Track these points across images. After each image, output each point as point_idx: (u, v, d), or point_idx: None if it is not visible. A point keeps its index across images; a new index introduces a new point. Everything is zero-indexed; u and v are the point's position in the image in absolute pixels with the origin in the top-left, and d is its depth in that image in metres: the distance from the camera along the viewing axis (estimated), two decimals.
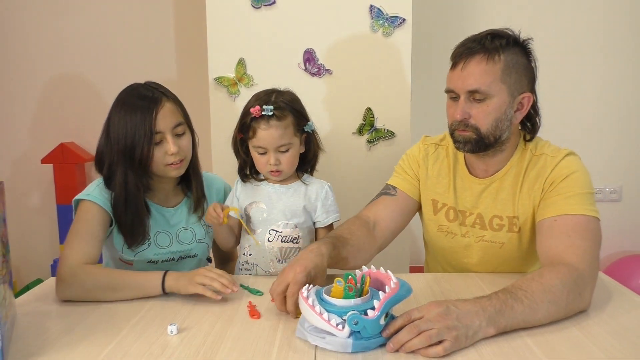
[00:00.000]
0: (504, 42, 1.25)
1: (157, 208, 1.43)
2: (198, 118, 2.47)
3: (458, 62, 1.27)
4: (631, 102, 2.70)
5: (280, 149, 1.38)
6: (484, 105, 1.25)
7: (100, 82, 2.69)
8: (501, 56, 1.24)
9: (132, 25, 2.66)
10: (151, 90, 1.36)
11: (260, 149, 1.38)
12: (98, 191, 1.35)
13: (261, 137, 1.36)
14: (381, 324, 0.96)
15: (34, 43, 2.69)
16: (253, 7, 2.06)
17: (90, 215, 1.32)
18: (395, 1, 2.04)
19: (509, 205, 1.34)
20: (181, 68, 2.68)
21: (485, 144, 1.29)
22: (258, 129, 1.35)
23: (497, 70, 1.23)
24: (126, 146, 1.31)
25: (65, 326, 1.08)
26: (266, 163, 1.39)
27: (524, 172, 1.33)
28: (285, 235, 1.43)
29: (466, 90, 1.25)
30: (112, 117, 1.35)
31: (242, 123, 1.40)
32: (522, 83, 1.28)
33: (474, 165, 1.40)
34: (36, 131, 2.76)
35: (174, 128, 1.35)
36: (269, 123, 1.35)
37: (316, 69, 2.10)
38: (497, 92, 1.24)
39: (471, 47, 1.26)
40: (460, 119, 1.27)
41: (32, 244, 2.74)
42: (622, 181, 2.77)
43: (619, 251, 2.80)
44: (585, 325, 1.05)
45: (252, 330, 1.05)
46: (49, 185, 2.74)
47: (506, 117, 1.27)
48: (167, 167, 1.35)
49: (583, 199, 1.22)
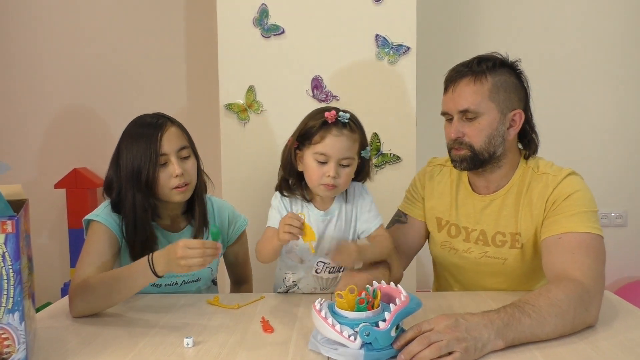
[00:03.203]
0: (491, 64, 1.34)
1: (163, 233, 1.46)
2: (209, 144, 2.53)
3: (449, 86, 1.38)
4: (636, 127, 2.73)
5: (343, 161, 1.31)
6: (475, 123, 1.33)
7: (112, 110, 2.76)
8: (488, 77, 1.33)
9: (144, 54, 2.75)
10: (156, 117, 1.42)
11: (323, 157, 1.30)
12: (106, 212, 1.39)
13: (330, 143, 1.29)
14: (392, 335, 0.98)
15: (49, 72, 2.78)
16: (263, 36, 2.14)
17: (97, 236, 1.36)
18: (400, 30, 2.12)
19: (511, 223, 1.37)
20: (192, 95, 2.76)
21: (480, 160, 1.35)
22: (329, 134, 1.29)
23: (485, 90, 1.32)
24: (133, 171, 1.36)
25: (83, 339, 1.11)
26: (323, 174, 1.31)
27: (525, 189, 1.37)
28: (333, 267, 1.42)
29: (458, 110, 1.34)
30: (120, 147, 1.40)
31: (307, 129, 1.32)
32: (512, 101, 1.35)
33: (475, 183, 1.45)
34: (49, 157, 2.82)
35: (179, 151, 1.39)
36: (341, 131, 1.30)
37: (324, 95, 2.16)
38: (487, 110, 1.32)
39: (460, 70, 1.36)
40: (455, 138, 1.35)
41: (44, 268, 2.77)
42: (627, 206, 2.78)
43: (625, 277, 2.80)
44: (593, 339, 1.07)
45: (266, 343, 1.08)
46: (62, 210, 2.78)
47: (498, 133, 1.34)
48: (172, 191, 1.39)
49: (586, 217, 1.26)
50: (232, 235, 1.60)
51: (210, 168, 1.54)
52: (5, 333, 0.92)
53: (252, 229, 1.82)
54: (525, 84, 1.40)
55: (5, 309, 0.91)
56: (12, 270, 0.91)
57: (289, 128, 2.16)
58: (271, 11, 2.12)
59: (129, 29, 2.74)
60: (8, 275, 0.91)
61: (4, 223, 0.90)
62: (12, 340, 0.92)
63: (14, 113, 2.81)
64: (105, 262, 1.34)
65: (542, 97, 2.74)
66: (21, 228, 0.94)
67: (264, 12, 2.12)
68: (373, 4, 2.11)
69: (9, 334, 0.92)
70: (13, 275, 0.91)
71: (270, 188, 2.18)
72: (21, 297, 0.92)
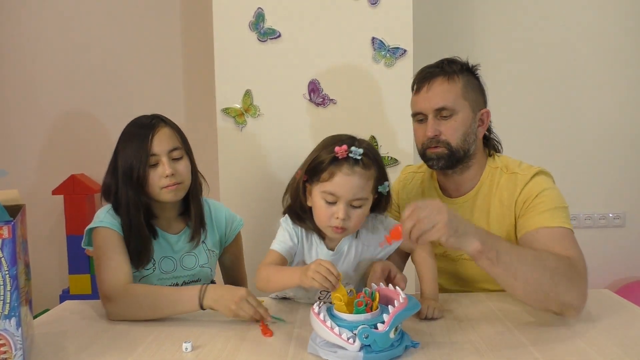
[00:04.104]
0: (459, 67, 1.39)
1: (162, 234, 1.47)
2: (206, 148, 2.53)
3: (422, 86, 1.39)
4: (635, 128, 2.73)
5: (354, 202, 1.17)
6: (451, 121, 1.35)
7: (110, 116, 2.75)
8: (460, 77, 1.37)
9: (142, 59, 2.74)
10: (149, 118, 1.43)
11: (331, 197, 1.17)
12: (109, 216, 1.40)
13: (339, 182, 1.15)
14: (391, 337, 0.98)
15: (47, 78, 2.77)
16: (259, 40, 2.14)
17: (110, 239, 1.37)
18: (397, 33, 2.12)
19: (483, 223, 1.40)
20: (189, 99, 2.76)
21: (456, 158, 1.37)
22: (338, 172, 1.15)
23: (458, 89, 1.36)
24: (126, 170, 1.38)
25: (81, 345, 1.11)
26: (331, 215, 1.18)
27: (495, 188, 1.39)
28: None
29: (433, 108, 1.36)
30: (118, 149, 1.43)
31: (316, 163, 1.19)
32: (479, 101, 1.40)
33: (445, 186, 1.47)
34: (47, 163, 2.81)
35: (170, 152, 1.40)
36: (353, 169, 1.15)
37: (321, 99, 2.16)
38: (462, 108, 1.35)
39: (431, 71, 1.39)
40: (432, 136, 1.36)
41: (41, 275, 2.75)
42: (625, 207, 2.78)
43: (623, 277, 2.80)
44: (592, 338, 1.07)
45: (265, 346, 1.08)
46: (59, 216, 2.77)
47: (472, 131, 1.38)
48: (162, 190, 1.39)
49: (557, 213, 1.28)
50: (229, 236, 1.60)
51: (207, 172, 1.53)
52: (2, 339, 0.92)
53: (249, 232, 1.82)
54: (483, 88, 1.45)
55: (1, 315, 0.91)
56: (9, 275, 0.91)
57: (286, 132, 2.20)
58: (267, 15, 2.13)
59: (126, 34, 2.74)
60: (4, 280, 0.91)
61: (0, 228, 0.90)
62: (9, 346, 0.92)
63: (11, 119, 2.80)
64: (126, 264, 1.35)
65: (540, 98, 2.78)
66: (18, 233, 0.94)
67: (260, 16, 2.12)
68: (369, 7, 2.11)
69: (5, 339, 0.92)
70: (10, 280, 0.91)
71: (268, 191, 2.21)
72: (18, 303, 0.92)
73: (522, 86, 2.70)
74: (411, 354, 1.01)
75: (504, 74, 2.68)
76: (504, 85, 2.68)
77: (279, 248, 1.25)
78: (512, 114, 2.68)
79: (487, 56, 2.68)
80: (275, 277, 1.18)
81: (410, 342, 1.03)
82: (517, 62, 2.69)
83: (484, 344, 1.05)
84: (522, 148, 2.59)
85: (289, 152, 2.17)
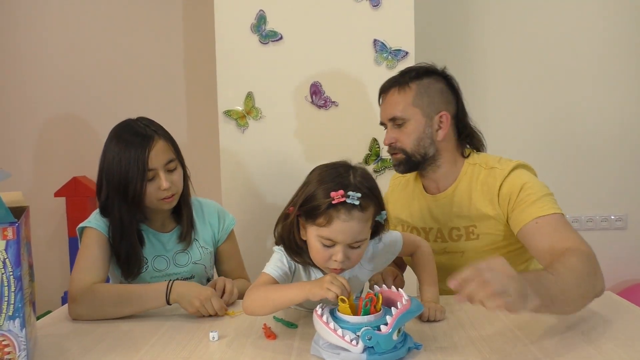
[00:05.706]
0: (414, 74, 1.46)
1: (154, 234, 1.49)
2: (208, 150, 2.54)
3: (380, 98, 1.51)
4: (637, 130, 2.73)
5: (353, 244, 1.12)
6: (403, 128, 1.44)
7: (111, 118, 2.68)
8: (412, 85, 1.44)
9: (143, 62, 2.75)
10: (144, 128, 1.42)
11: (329, 242, 1.11)
12: (98, 218, 1.43)
13: (338, 229, 1.08)
14: (394, 339, 0.98)
15: (49, 81, 2.78)
16: (261, 42, 2.14)
17: (92, 240, 1.40)
18: (398, 35, 2.13)
19: (464, 218, 1.44)
20: (191, 102, 2.76)
21: (415, 162, 1.46)
22: (336, 219, 1.08)
23: (409, 97, 1.43)
24: (120, 182, 1.38)
25: (84, 346, 1.11)
26: (329, 257, 1.12)
27: (474, 183, 1.44)
28: None
29: (387, 118, 1.47)
30: (107, 151, 1.43)
31: (311, 207, 1.10)
32: (437, 104, 1.45)
33: (426, 185, 1.54)
34: (49, 165, 2.81)
35: (166, 164, 1.41)
36: (350, 214, 1.08)
37: (322, 101, 2.17)
38: (412, 115, 1.43)
39: (386, 85, 1.49)
40: (389, 144, 1.47)
41: (44, 276, 2.75)
42: (627, 209, 2.77)
43: (624, 280, 2.79)
44: (594, 339, 1.07)
45: (268, 350, 1.08)
46: (61, 218, 2.78)
47: (426, 135, 1.44)
48: (159, 201, 1.42)
49: (546, 201, 1.32)
50: (222, 233, 1.59)
51: (209, 175, 1.54)
52: (6, 340, 0.92)
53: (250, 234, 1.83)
54: (455, 88, 1.49)
55: (6, 316, 0.91)
56: (13, 276, 0.91)
57: (288, 134, 2.20)
58: (269, 17, 2.13)
59: (127, 36, 2.75)
60: (9, 281, 0.91)
61: (4, 229, 0.90)
62: (13, 347, 0.92)
63: (12, 121, 2.81)
64: (100, 266, 1.37)
65: (541, 99, 2.78)
66: (22, 235, 0.94)
67: (261, 19, 2.13)
68: (371, 9, 2.12)
69: (9, 340, 0.92)
70: (14, 281, 0.91)
71: (269, 194, 2.21)
72: (22, 304, 0.92)
73: (523, 88, 2.70)
74: (414, 355, 1.01)
75: (505, 75, 2.68)
76: (505, 86, 2.68)
77: (274, 274, 1.18)
78: (513, 115, 2.68)
79: (488, 58, 2.69)
80: (275, 294, 1.12)
81: (413, 343, 1.03)
82: (518, 63, 2.69)
83: (486, 345, 1.06)
84: (523, 149, 2.61)
85: (291, 155, 2.17)
